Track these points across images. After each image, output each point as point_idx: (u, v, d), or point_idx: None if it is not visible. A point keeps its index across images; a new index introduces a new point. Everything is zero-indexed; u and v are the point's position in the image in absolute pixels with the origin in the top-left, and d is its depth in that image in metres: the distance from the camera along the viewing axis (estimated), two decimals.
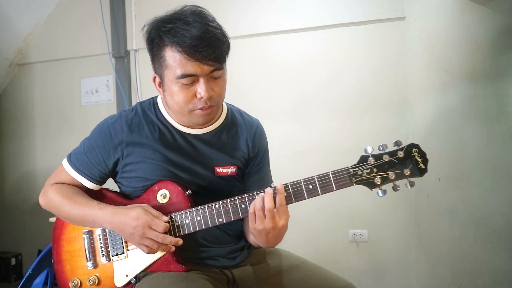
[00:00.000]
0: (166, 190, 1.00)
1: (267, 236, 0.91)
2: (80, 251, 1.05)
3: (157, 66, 0.97)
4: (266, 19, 2.45)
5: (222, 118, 1.09)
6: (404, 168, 0.85)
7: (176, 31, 0.88)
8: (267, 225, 0.89)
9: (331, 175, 0.89)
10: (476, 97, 1.43)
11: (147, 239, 0.93)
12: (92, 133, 1.05)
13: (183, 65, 0.89)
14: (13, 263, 2.87)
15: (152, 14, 0.98)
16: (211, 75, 0.93)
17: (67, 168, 1.05)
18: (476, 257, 1.47)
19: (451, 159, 1.64)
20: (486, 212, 1.39)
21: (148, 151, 1.00)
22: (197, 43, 0.87)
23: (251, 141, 1.11)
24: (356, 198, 2.25)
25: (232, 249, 1.08)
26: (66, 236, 1.08)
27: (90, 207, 0.98)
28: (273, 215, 0.88)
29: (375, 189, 0.87)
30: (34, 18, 2.90)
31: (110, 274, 1.02)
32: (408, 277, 2.25)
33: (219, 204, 0.96)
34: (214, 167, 1.05)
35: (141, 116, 1.03)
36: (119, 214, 0.95)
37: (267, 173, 1.18)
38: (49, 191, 1.04)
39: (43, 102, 2.99)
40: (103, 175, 1.05)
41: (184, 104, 0.94)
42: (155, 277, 0.96)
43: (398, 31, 2.24)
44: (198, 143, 1.04)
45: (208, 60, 0.89)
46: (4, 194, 3.10)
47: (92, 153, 1.02)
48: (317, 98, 2.38)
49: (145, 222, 0.92)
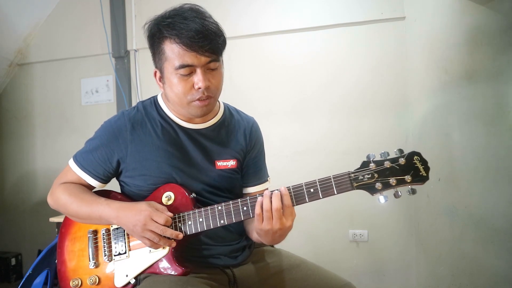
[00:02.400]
0: (171, 193, 1.01)
1: (273, 236, 0.93)
2: (84, 251, 1.06)
3: (157, 60, 1.01)
4: (266, 19, 2.45)
5: (220, 114, 1.13)
6: (405, 174, 0.85)
7: (175, 24, 0.93)
8: (274, 226, 0.90)
9: (333, 179, 0.90)
10: (476, 97, 1.43)
11: (148, 231, 0.94)
12: (96, 133, 1.08)
13: (181, 56, 0.93)
14: (13, 263, 2.87)
15: (152, 14, 1.01)
16: (208, 66, 0.96)
17: (72, 167, 1.07)
18: (476, 257, 1.47)
19: (451, 159, 1.64)
20: (486, 212, 1.39)
21: (151, 147, 1.03)
22: (194, 35, 0.91)
23: (248, 134, 1.16)
24: (356, 198, 2.24)
25: (234, 248, 1.09)
26: (71, 236, 1.09)
27: (97, 203, 1.00)
28: (280, 215, 0.90)
29: (376, 194, 0.89)
30: (34, 18, 2.90)
31: (111, 274, 1.02)
32: (408, 277, 2.25)
33: (221, 206, 0.97)
34: (215, 161, 1.08)
35: (143, 114, 1.07)
36: (125, 208, 0.97)
37: (264, 167, 1.22)
38: (56, 191, 1.06)
39: (43, 102, 2.99)
40: (108, 173, 1.06)
41: (183, 95, 0.97)
42: (156, 281, 0.96)
43: (398, 31, 2.24)
44: (199, 137, 1.07)
45: (205, 52, 0.93)
46: (4, 194, 3.10)
47: (97, 151, 1.04)
48: (317, 98, 2.38)
49: (148, 214, 0.94)
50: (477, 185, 1.45)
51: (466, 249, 1.54)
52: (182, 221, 0.98)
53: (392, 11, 2.23)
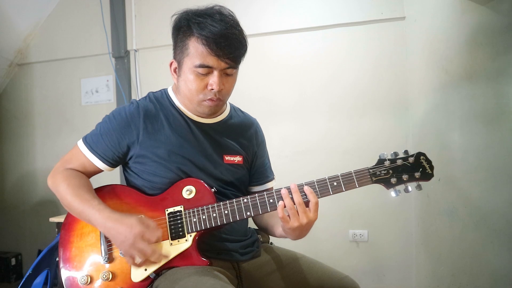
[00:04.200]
0: (192, 186, 1.02)
1: (301, 231, 0.96)
2: (94, 246, 1.03)
3: (177, 52, 1.03)
4: (266, 19, 2.45)
5: (227, 112, 1.17)
6: (414, 172, 0.96)
7: (205, 25, 0.96)
8: (302, 221, 0.93)
9: (354, 173, 0.97)
10: (476, 97, 1.43)
11: (136, 250, 0.92)
12: (109, 117, 1.08)
13: (203, 57, 0.97)
14: (13, 263, 2.87)
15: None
16: (225, 71, 1.00)
17: (81, 148, 1.07)
18: (476, 257, 1.47)
19: (451, 159, 1.64)
20: (486, 212, 1.39)
21: (163, 136, 1.05)
22: (220, 41, 0.95)
23: (254, 135, 1.21)
24: (356, 198, 2.25)
25: (245, 243, 1.11)
26: (77, 232, 1.05)
27: (89, 205, 0.98)
28: (304, 209, 0.94)
29: (391, 188, 0.97)
30: (34, 18, 2.90)
31: (127, 269, 0.99)
32: (408, 277, 2.25)
33: (247, 199, 0.99)
34: (223, 155, 1.11)
35: (156, 104, 1.09)
36: (113, 220, 0.94)
37: (269, 165, 1.27)
38: (58, 176, 1.05)
39: (43, 102, 2.99)
40: (117, 157, 1.06)
41: (196, 92, 1.01)
42: (177, 270, 0.96)
43: (398, 31, 2.24)
44: (209, 130, 1.10)
45: (226, 58, 0.97)
46: (4, 194, 3.10)
47: (108, 135, 1.05)
48: (317, 98, 2.38)
49: (139, 233, 0.92)
50: (477, 185, 1.45)
51: (466, 249, 1.54)
52: (206, 214, 0.99)
53: (392, 11, 2.23)
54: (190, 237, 0.99)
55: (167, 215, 1.01)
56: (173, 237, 0.99)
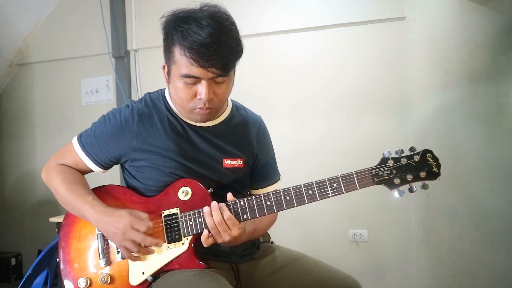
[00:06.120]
0: (187, 188, 1.00)
1: (234, 243, 0.96)
2: (92, 249, 1.03)
3: (167, 58, 0.98)
4: (266, 19, 2.45)
5: (228, 112, 1.11)
6: (420, 171, 0.91)
7: (188, 33, 0.89)
8: (225, 238, 0.93)
9: (355, 174, 0.92)
10: (476, 97, 1.43)
11: (127, 241, 0.93)
12: (105, 118, 1.06)
13: (188, 67, 0.91)
14: (13, 263, 2.87)
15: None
16: (214, 80, 0.94)
17: (75, 147, 1.06)
18: (476, 257, 1.47)
19: (451, 159, 1.63)
20: (486, 212, 1.39)
21: (158, 140, 1.02)
22: (204, 51, 0.87)
23: (256, 136, 1.15)
24: (356, 198, 2.25)
25: (244, 245, 1.08)
26: (76, 234, 1.05)
27: (83, 200, 0.98)
28: (225, 227, 0.92)
29: (394, 189, 0.92)
30: (34, 18, 2.90)
31: (125, 272, 0.99)
32: (408, 277, 2.25)
33: (244, 201, 0.96)
34: (223, 159, 1.07)
35: (151, 107, 1.05)
36: (106, 214, 0.95)
37: (273, 166, 1.22)
38: (51, 170, 1.05)
39: (43, 102, 2.99)
40: (109, 161, 1.06)
41: (185, 101, 0.97)
42: (175, 274, 0.96)
43: (398, 31, 2.24)
44: (207, 134, 1.06)
45: (213, 67, 0.90)
46: (4, 194, 3.10)
47: (101, 138, 1.04)
48: (317, 98, 2.38)
49: (128, 222, 0.93)
50: (477, 185, 1.45)
51: (466, 249, 1.54)
52: (203, 217, 0.96)
53: (392, 11, 2.23)
54: (187, 240, 0.98)
55: (163, 217, 1.00)
56: (170, 240, 0.98)
